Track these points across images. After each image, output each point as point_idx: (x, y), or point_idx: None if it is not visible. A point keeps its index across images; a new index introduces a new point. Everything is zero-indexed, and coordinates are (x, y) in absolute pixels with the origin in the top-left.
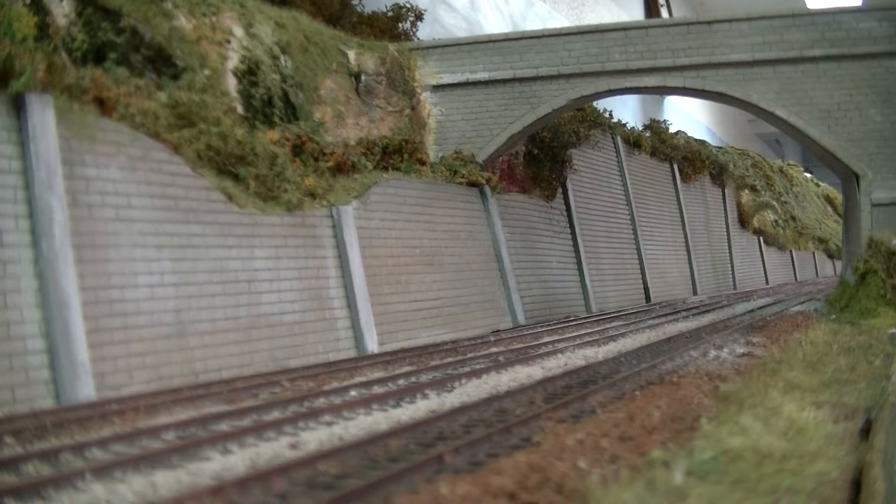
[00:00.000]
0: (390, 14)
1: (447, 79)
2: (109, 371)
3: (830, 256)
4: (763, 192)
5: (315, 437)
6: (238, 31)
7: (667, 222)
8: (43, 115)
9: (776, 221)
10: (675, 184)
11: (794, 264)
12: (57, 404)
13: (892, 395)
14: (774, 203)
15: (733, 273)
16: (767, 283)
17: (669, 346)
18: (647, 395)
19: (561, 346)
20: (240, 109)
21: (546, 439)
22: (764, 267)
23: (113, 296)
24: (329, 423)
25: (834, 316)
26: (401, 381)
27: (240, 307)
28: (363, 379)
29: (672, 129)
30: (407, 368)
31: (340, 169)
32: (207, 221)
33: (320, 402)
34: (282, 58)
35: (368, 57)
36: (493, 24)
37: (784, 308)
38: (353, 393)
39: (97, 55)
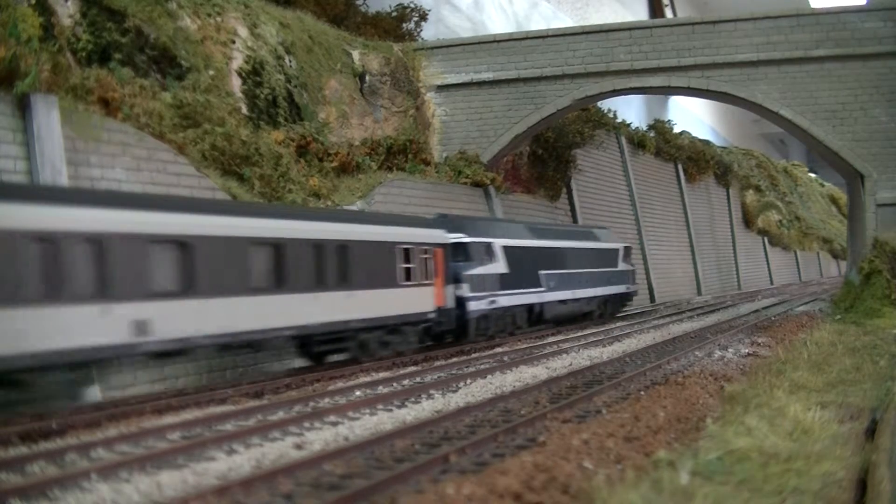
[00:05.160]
0: (394, 14)
1: (451, 79)
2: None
3: (835, 256)
4: (768, 193)
5: (320, 438)
6: (243, 31)
7: (671, 222)
8: (48, 116)
9: (781, 221)
10: (679, 184)
11: (798, 264)
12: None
13: None
14: (779, 203)
15: (738, 273)
16: (772, 283)
17: (674, 347)
18: (653, 396)
19: (566, 346)
20: (244, 110)
21: (551, 439)
22: (768, 267)
23: None
24: (334, 424)
25: (839, 316)
26: (406, 382)
27: None
28: (368, 379)
29: (676, 130)
30: (412, 368)
31: (345, 169)
32: None
33: (325, 402)
34: (286, 58)
35: (373, 57)
36: (498, 24)
37: (789, 308)
38: (357, 393)
39: (102, 55)
